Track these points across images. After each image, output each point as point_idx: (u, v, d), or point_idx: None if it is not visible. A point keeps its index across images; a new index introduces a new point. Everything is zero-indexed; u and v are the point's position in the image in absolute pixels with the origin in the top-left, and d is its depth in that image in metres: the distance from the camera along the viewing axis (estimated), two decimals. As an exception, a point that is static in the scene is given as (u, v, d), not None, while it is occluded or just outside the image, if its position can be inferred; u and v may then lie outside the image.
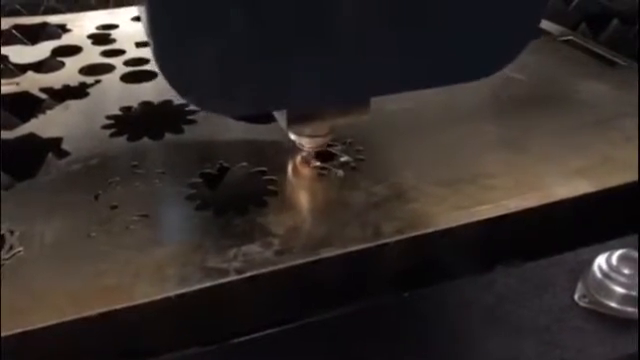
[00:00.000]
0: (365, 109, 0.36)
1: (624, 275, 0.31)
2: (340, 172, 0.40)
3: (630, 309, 0.31)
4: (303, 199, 0.39)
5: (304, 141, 0.39)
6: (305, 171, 0.41)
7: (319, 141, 0.39)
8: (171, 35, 0.27)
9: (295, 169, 0.41)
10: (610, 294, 0.31)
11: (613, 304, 0.31)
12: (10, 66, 0.58)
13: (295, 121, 0.36)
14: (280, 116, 0.37)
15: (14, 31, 0.65)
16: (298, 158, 0.41)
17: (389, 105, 0.47)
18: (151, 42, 0.27)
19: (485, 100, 0.50)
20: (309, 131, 0.38)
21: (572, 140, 0.44)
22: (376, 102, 0.44)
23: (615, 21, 0.64)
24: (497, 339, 0.30)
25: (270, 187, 0.39)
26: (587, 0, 0.69)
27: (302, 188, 0.40)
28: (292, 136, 0.39)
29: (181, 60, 0.27)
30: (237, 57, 0.28)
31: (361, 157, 0.42)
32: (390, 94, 0.33)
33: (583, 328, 0.30)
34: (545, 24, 0.66)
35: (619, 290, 0.31)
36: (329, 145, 0.42)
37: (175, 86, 0.28)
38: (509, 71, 0.54)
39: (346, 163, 0.41)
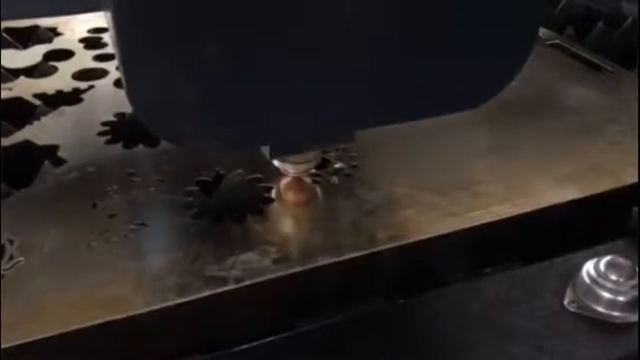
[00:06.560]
0: (349, 138, 0.35)
1: (611, 281, 0.32)
2: (335, 179, 0.41)
3: (616, 313, 0.32)
4: (299, 207, 0.39)
5: (288, 167, 0.37)
6: (300, 178, 0.41)
7: (303, 167, 0.38)
8: (144, 71, 0.25)
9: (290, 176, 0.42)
10: (598, 299, 0.32)
11: (601, 309, 0.32)
12: (2, 70, 0.58)
13: (278, 153, 0.35)
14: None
15: (5, 34, 0.65)
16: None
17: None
18: (123, 76, 0.26)
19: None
20: (293, 158, 0.37)
21: (560, 146, 0.45)
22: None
23: (600, 24, 0.66)
24: (488, 344, 0.31)
25: (266, 194, 0.40)
26: (573, 3, 0.70)
27: (297, 195, 0.40)
28: (276, 163, 0.37)
29: (153, 96, 0.26)
30: (212, 93, 0.27)
31: (354, 163, 0.43)
32: (374, 127, 0.32)
33: (572, 333, 0.31)
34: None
35: (606, 295, 0.32)
36: (323, 151, 0.43)
37: (146, 120, 0.27)
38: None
39: (340, 170, 0.42)
